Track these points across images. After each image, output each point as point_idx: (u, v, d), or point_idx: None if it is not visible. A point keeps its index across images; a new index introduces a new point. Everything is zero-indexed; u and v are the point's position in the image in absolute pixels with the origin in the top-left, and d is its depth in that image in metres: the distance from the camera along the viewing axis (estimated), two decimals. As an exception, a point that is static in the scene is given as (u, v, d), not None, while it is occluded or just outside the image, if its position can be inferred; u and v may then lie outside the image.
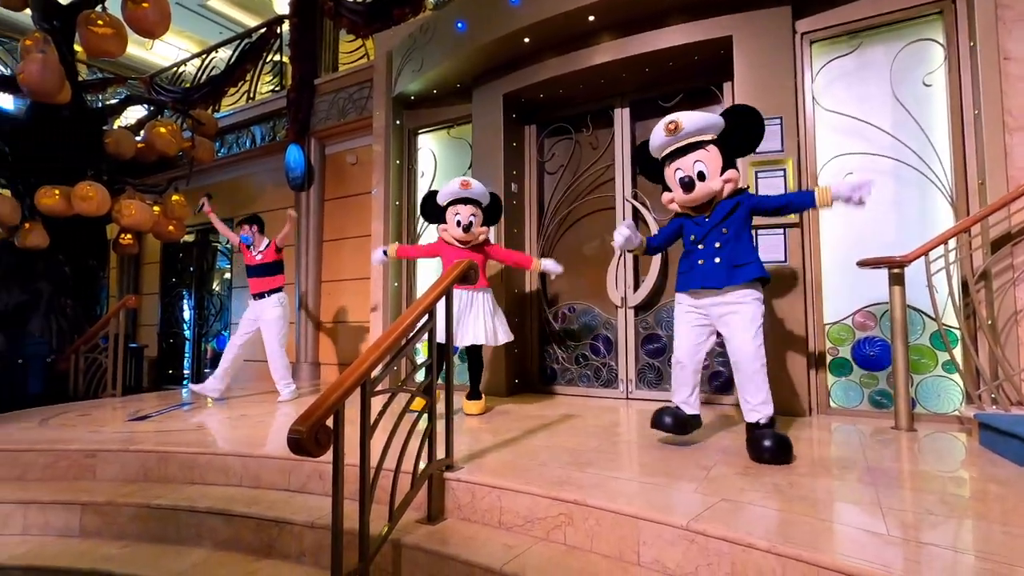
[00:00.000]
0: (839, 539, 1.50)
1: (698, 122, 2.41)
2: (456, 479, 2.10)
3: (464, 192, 3.41)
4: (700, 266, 2.43)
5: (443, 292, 2.16)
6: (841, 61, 3.44)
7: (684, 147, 2.43)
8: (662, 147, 2.52)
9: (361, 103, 5.49)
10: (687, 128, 2.40)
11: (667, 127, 2.43)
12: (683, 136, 2.42)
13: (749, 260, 2.38)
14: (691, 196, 2.43)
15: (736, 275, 2.36)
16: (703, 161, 2.41)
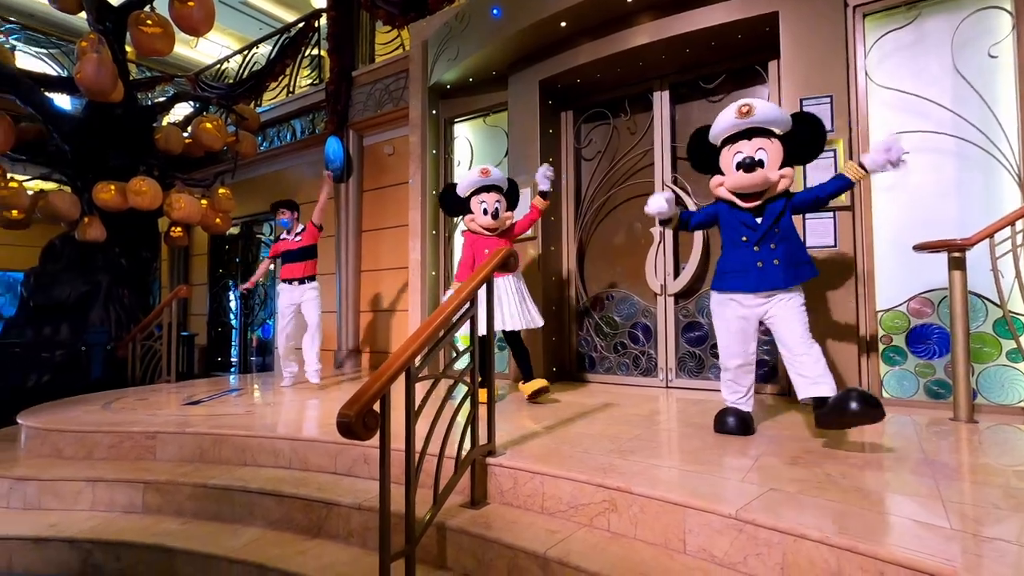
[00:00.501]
0: (896, 531, 1.45)
1: (770, 113, 2.38)
2: (498, 464, 2.12)
3: (486, 180, 3.45)
4: (759, 268, 2.39)
5: (484, 279, 2.17)
6: (897, 34, 3.26)
7: (749, 131, 2.40)
8: (727, 128, 2.45)
9: (397, 94, 5.53)
10: (758, 115, 2.36)
11: (739, 109, 2.38)
12: (754, 121, 2.38)
13: (805, 259, 2.43)
14: (749, 178, 2.37)
15: (796, 275, 2.38)
16: (766, 149, 2.38)
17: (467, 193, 3.51)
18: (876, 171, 2.32)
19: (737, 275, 2.45)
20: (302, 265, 4.49)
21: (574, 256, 4.55)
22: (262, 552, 2.17)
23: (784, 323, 2.36)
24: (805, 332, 2.35)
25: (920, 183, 3.16)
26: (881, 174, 3.15)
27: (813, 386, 2.27)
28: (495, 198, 3.47)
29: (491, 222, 3.45)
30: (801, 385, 2.31)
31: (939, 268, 2.85)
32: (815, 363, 2.28)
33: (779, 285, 2.36)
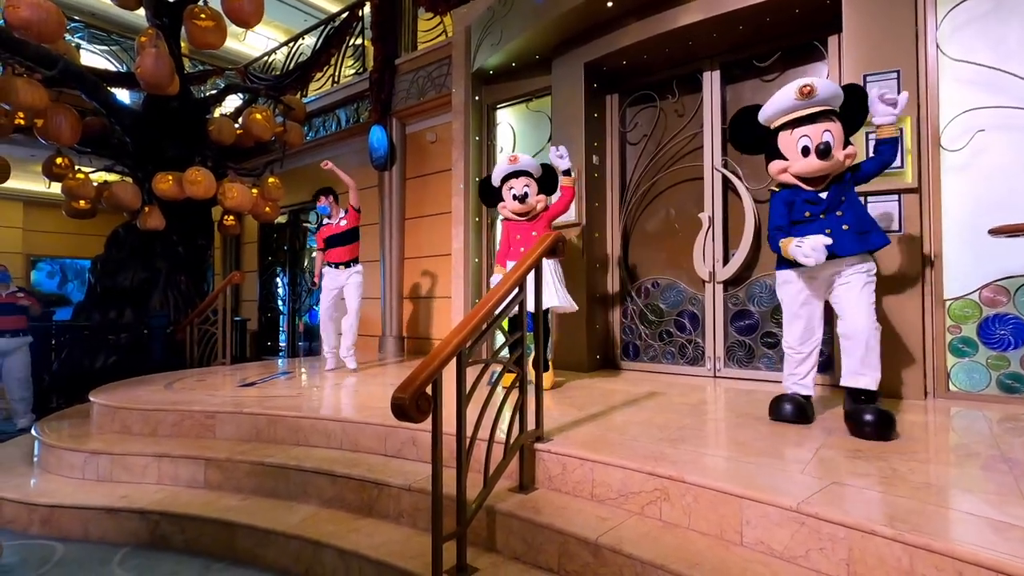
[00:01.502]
0: (971, 529, 1.37)
1: (831, 90, 2.30)
2: (547, 451, 2.12)
3: (513, 167, 3.50)
4: (827, 235, 2.25)
5: (533, 264, 2.16)
6: (972, 3, 3.03)
7: (812, 115, 2.30)
8: (786, 111, 2.35)
9: (440, 81, 5.54)
10: (821, 94, 2.27)
11: (801, 90, 2.27)
12: (816, 102, 2.29)
13: (873, 227, 2.31)
14: (825, 165, 2.28)
15: (864, 241, 2.27)
16: (831, 132, 2.29)
17: (499, 181, 3.58)
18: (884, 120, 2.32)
19: None
20: (347, 249, 4.56)
21: (619, 242, 4.47)
22: (317, 528, 2.24)
23: (848, 304, 2.29)
24: (869, 311, 2.26)
25: (997, 163, 2.95)
26: (952, 153, 2.99)
27: (854, 377, 2.27)
28: (523, 183, 3.50)
29: (519, 206, 3.49)
30: (846, 373, 2.30)
31: (1017, 253, 2.67)
32: (867, 355, 2.24)
33: (850, 251, 2.26)
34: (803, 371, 2.48)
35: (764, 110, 2.45)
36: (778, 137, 2.39)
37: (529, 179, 3.52)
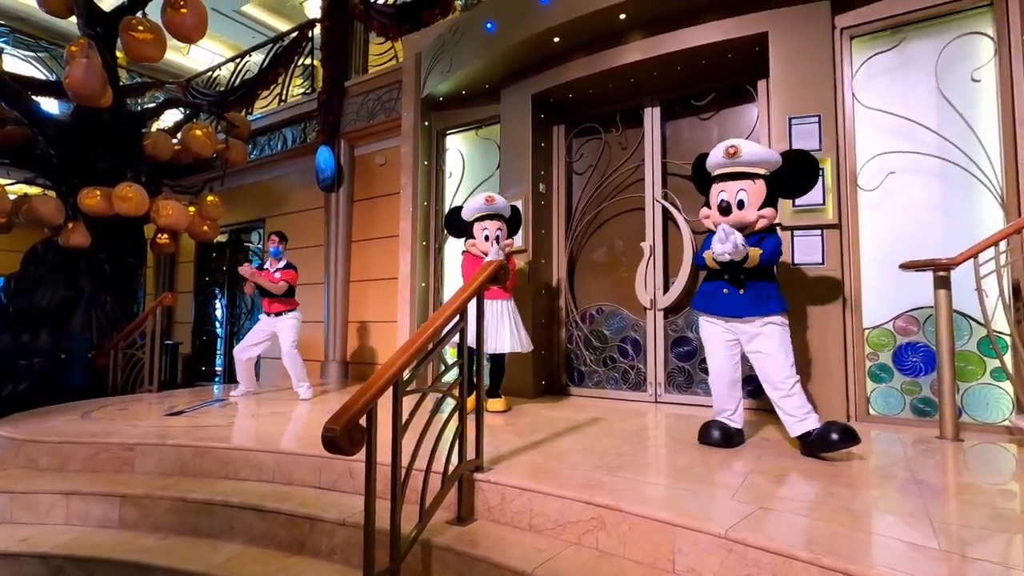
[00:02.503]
0: (885, 552, 1.44)
1: (756, 155, 2.48)
2: (486, 480, 2.09)
3: (490, 208, 3.60)
4: (726, 295, 2.51)
5: (475, 292, 2.15)
6: (883, 57, 3.33)
7: (735, 172, 2.49)
8: (716, 166, 2.57)
9: (390, 105, 5.54)
10: (744, 156, 2.46)
11: (727, 150, 2.48)
12: (738, 163, 2.47)
13: (772, 293, 2.49)
14: (725, 220, 2.49)
15: (760, 307, 2.46)
16: (747, 191, 2.47)
17: (471, 218, 3.67)
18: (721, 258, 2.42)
19: (709, 298, 2.59)
20: (282, 301, 4.47)
21: (564, 269, 4.55)
22: (242, 569, 2.11)
23: (764, 357, 2.46)
24: (789, 368, 2.43)
25: (906, 203, 3.21)
26: (868, 193, 3.23)
27: (801, 424, 2.40)
28: (497, 225, 3.63)
29: (490, 248, 3.58)
30: (790, 423, 2.44)
31: (925, 287, 2.88)
32: (800, 404, 2.40)
33: (741, 314, 2.48)
34: (731, 407, 2.62)
35: (708, 161, 2.62)
36: (712, 186, 2.59)
37: (502, 223, 3.65)
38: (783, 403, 2.44)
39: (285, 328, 4.47)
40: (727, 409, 2.62)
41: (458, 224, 3.76)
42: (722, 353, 2.57)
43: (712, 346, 2.61)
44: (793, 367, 2.46)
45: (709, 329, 2.63)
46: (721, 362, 2.58)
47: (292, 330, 4.47)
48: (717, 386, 2.62)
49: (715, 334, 2.59)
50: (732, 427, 2.61)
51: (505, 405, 3.65)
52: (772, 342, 2.45)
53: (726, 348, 2.57)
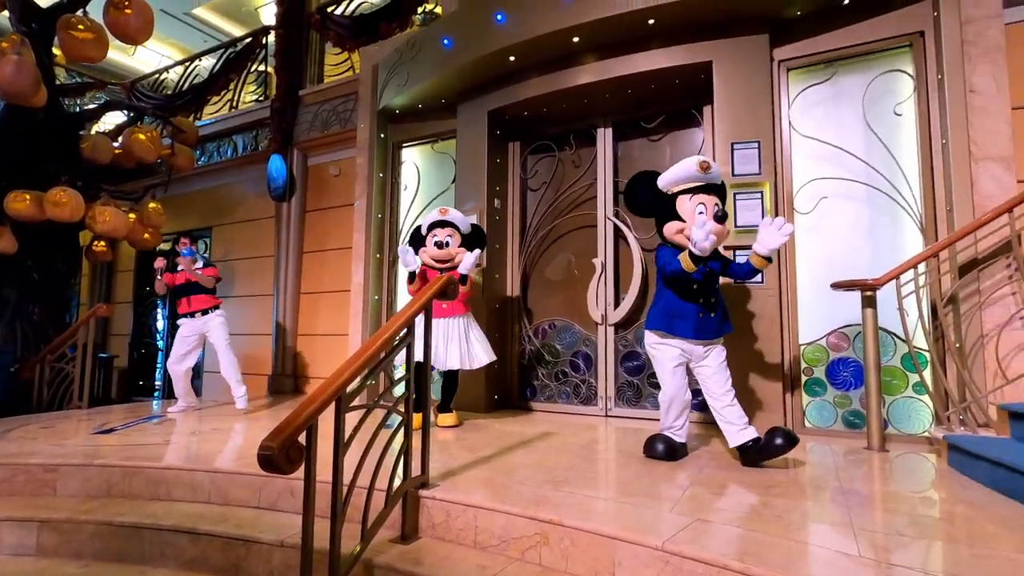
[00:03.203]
0: (811, 560, 1.51)
1: (719, 171, 2.65)
2: (431, 497, 2.07)
3: (441, 217, 3.65)
4: (701, 319, 2.58)
5: (423, 306, 2.14)
6: (817, 88, 3.54)
7: (707, 186, 2.60)
8: (689, 179, 2.59)
9: (345, 115, 5.48)
10: (714, 172, 2.60)
11: (701, 164, 2.56)
12: (710, 177, 2.59)
13: (727, 314, 2.69)
14: (721, 228, 2.50)
15: (725, 328, 2.65)
16: (719, 205, 2.59)
17: (426, 232, 3.70)
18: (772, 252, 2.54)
19: (684, 321, 2.59)
20: (206, 297, 4.42)
21: (518, 284, 4.58)
22: (171, 596, 2.00)
23: (711, 372, 2.59)
24: (729, 382, 2.59)
25: (837, 226, 3.41)
26: (803, 216, 3.40)
27: (741, 433, 2.52)
28: (447, 232, 3.63)
29: (437, 252, 3.60)
30: (731, 432, 2.55)
31: (854, 305, 3.05)
32: (740, 415, 2.54)
33: (714, 336, 2.61)
34: (679, 424, 2.70)
35: (666, 177, 2.66)
36: (676, 201, 2.61)
37: (454, 231, 3.65)
38: (725, 412, 2.54)
39: (216, 326, 4.41)
40: (675, 426, 2.70)
41: (418, 240, 3.76)
42: (678, 375, 2.63)
43: (668, 369, 2.63)
44: (730, 379, 2.60)
45: (666, 352, 2.63)
46: (676, 384, 2.62)
47: (223, 327, 4.43)
48: (670, 406, 2.67)
49: (672, 357, 2.62)
50: (677, 441, 2.68)
51: (456, 420, 3.63)
52: (719, 357, 2.60)
53: (680, 370, 2.64)
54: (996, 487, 2.16)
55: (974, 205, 2.90)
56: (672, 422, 2.69)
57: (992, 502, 2.04)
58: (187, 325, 4.44)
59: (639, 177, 2.76)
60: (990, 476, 2.21)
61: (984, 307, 2.86)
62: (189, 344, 4.44)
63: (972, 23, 2.98)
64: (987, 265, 2.88)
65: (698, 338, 2.57)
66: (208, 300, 4.45)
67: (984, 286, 2.88)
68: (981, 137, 2.93)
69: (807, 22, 3.45)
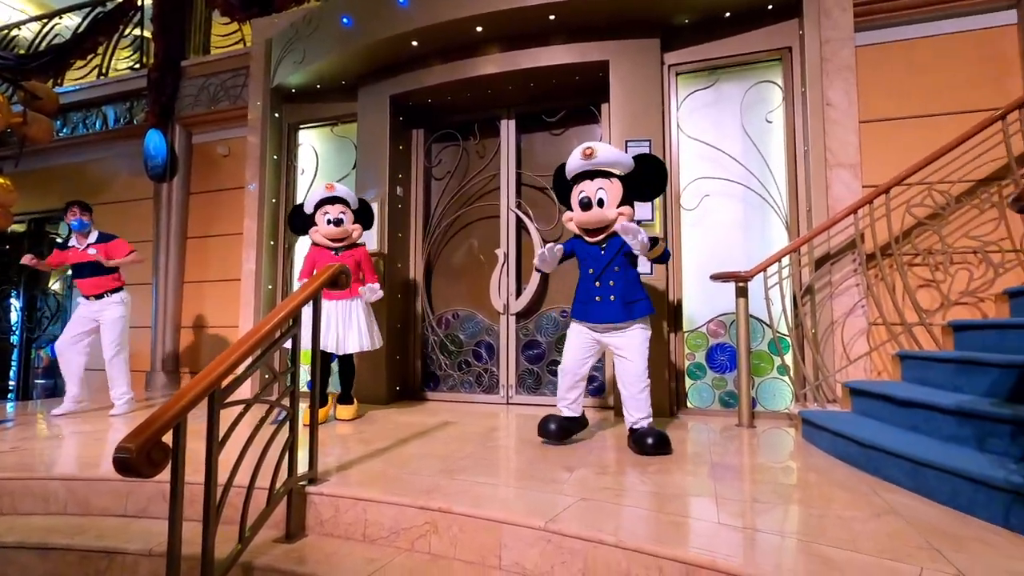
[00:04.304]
0: (680, 530, 1.64)
1: (611, 156, 2.60)
2: (319, 493, 2.01)
3: (329, 193, 3.47)
4: (598, 303, 2.63)
5: (310, 296, 2.06)
6: (702, 93, 3.80)
7: (592, 172, 2.62)
8: (574, 168, 2.67)
9: (235, 91, 5.11)
10: (599, 158, 2.58)
11: (584, 151, 2.59)
12: (596, 163, 2.60)
13: (640, 297, 2.64)
14: (586, 216, 2.60)
15: (630, 311, 2.60)
16: (605, 189, 2.60)
17: (312, 208, 3.51)
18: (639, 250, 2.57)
19: (583, 305, 2.69)
20: (104, 279, 3.91)
21: (421, 273, 4.53)
22: (14, 620, 1.79)
23: (625, 359, 2.63)
24: (643, 371, 2.61)
25: (718, 222, 3.69)
26: (689, 212, 3.64)
27: (636, 423, 2.64)
28: (339, 209, 3.49)
29: (334, 230, 3.45)
30: (628, 418, 2.68)
31: (730, 295, 3.34)
32: (643, 405, 2.62)
33: (614, 320, 2.62)
34: (573, 395, 2.78)
35: (566, 167, 2.74)
36: (572, 190, 2.71)
37: (345, 207, 3.51)
38: (629, 401, 2.64)
39: (112, 318, 3.89)
40: (568, 398, 2.77)
41: (302, 219, 3.57)
42: (580, 350, 2.71)
43: (573, 343, 2.73)
44: (647, 371, 2.63)
45: (576, 329, 2.74)
46: (576, 356, 2.71)
47: (121, 320, 3.92)
48: (565, 377, 2.76)
49: (580, 331, 2.72)
50: (570, 416, 2.77)
51: (354, 412, 3.53)
52: (635, 344, 2.62)
53: (585, 347, 2.71)
54: (837, 455, 2.47)
55: (828, 206, 3.27)
56: (564, 393, 2.78)
57: (833, 467, 2.33)
58: (85, 307, 3.93)
59: (557, 168, 2.85)
60: (833, 445, 2.51)
61: (834, 297, 3.24)
62: (83, 326, 3.90)
63: (829, 43, 3.33)
64: (837, 260, 3.26)
65: (598, 322, 2.64)
66: (104, 283, 3.90)
67: (835, 278, 3.26)
68: (835, 146, 3.30)
69: (693, 30, 3.69)
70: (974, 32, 3.25)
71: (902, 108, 3.31)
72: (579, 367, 2.74)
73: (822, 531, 1.60)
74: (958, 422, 2.05)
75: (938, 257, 3.06)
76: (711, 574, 1.40)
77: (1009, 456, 1.83)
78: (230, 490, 1.64)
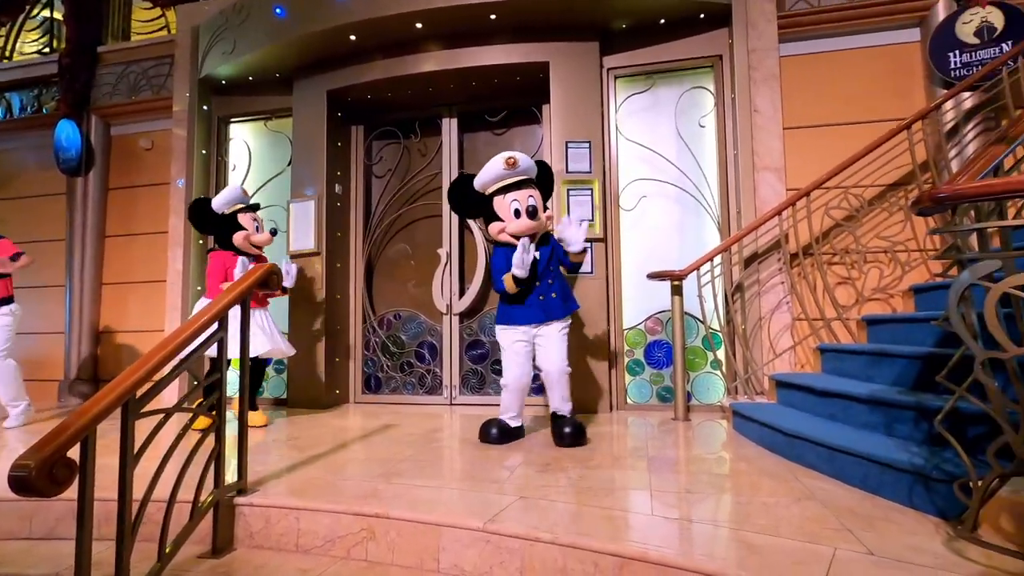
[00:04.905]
0: (616, 524, 1.67)
1: (528, 163, 2.69)
2: (248, 504, 1.92)
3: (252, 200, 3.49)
4: (542, 301, 2.68)
5: (238, 298, 1.97)
6: (639, 97, 3.91)
7: (519, 182, 2.66)
8: (498, 179, 2.67)
9: (159, 81, 4.81)
10: (522, 166, 2.65)
11: (507, 161, 2.62)
12: (519, 172, 2.65)
13: (570, 293, 2.79)
14: (529, 224, 2.64)
15: (567, 307, 2.73)
16: (535, 197, 2.67)
17: (229, 209, 3.41)
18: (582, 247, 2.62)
19: (525, 308, 2.70)
20: None
21: (361, 274, 4.43)
22: None
23: (550, 352, 2.70)
24: (565, 363, 2.71)
25: (655, 223, 3.81)
26: (627, 212, 3.73)
27: (558, 407, 2.75)
28: (251, 216, 3.44)
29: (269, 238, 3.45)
30: (552, 402, 2.78)
31: (666, 293, 3.44)
32: (565, 394, 2.72)
33: (558, 316, 2.70)
34: (516, 408, 2.81)
35: (479, 178, 2.74)
36: (493, 202, 2.70)
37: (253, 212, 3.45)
38: (552, 391, 2.74)
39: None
40: (512, 411, 2.80)
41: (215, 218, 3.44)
42: (522, 362, 2.72)
43: (512, 355, 2.73)
44: (567, 360, 2.71)
45: (513, 337, 2.72)
46: (520, 370, 2.72)
47: (5, 330, 3.59)
48: (512, 394, 2.76)
49: (516, 343, 2.72)
50: (512, 425, 2.79)
51: (265, 420, 3.40)
52: (560, 339, 2.71)
53: (525, 357, 2.73)
54: (764, 444, 2.60)
55: (756, 208, 3.43)
56: (511, 409, 2.80)
57: (760, 456, 2.45)
58: None
59: (455, 182, 2.84)
60: (760, 435, 2.64)
61: (762, 294, 3.40)
62: None
63: (756, 52, 3.50)
64: (764, 259, 3.43)
65: (543, 321, 2.69)
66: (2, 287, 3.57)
67: (762, 276, 3.43)
68: (762, 150, 3.47)
69: (631, 35, 3.79)
70: (884, 47, 3.50)
71: (822, 116, 3.51)
72: (526, 380, 2.76)
73: (748, 518, 1.68)
74: (870, 410, 2.20)
75: (853, 256, 3.27)
76: (643, 566, 1.44)
77: (912, 440, 1.98)
78: (147, 506, 1.54)
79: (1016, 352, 1.35)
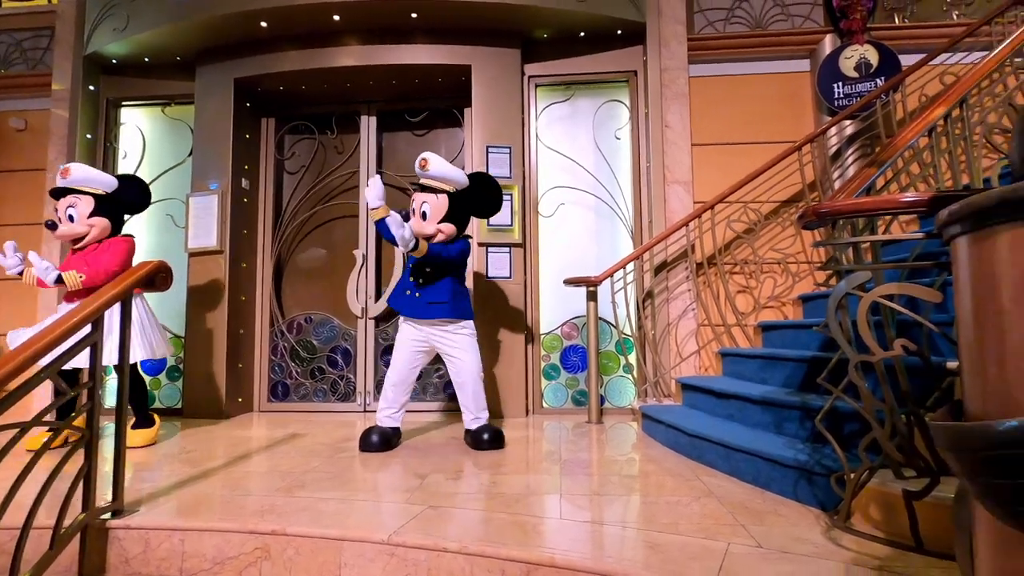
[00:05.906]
0: (525, 530, 1.66)
1: (442, 172, 2.65)
2: (124, 527, 1.73)
3: (63, 181, 2.80)
4: (407, 296, 2.72)
5: (116, 298, 1.77)
6: (559, 106, 3.98)
7: (423, 185, 2.68)
8: (415, 177, 2.73)
9: (35, 55, 4.30)
10: (431, 171, 2.64)
11: (419, 162, 2.65)
12: (426, 175, 2.65)
13: (443, 300, 2.66)
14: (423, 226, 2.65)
15: (429, 311, 2.66)
16: (429, 204, 2.66)
17: None
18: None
19: (398, 294, 2.77)
20: None
21: (270, 275, 4.18)
22: None
23: (458, 358, 2.71)
24: (478, 369, 2.73)
25: (572, 230, 3.89)
26: (546, 219, 3.78)
27: (475, 420, 2.76)
28: (68, 202, 2.80)
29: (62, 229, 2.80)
30: (466, 416, 2.78)
31: (582, 299, 3.52)
32: (479, 402, 2.74)
33: (417, 316, 2.68)
34: (397, 407, 2.77)
35: None
36: None
37: (80, 197, 2.79)
38: (466, 399, 2.74)
39: None
40: (393, 408, 2.76)
41: None
42: (408, 356, 2.73)
43: (402, 348, 2.74)
44: (481, 372, 2.76)
45: (404, 333, 2.76)
46: (404, 363, 2.73)
47: None
48: (394, 387, 2.74)
49: (408, 339, 2.73)
50: (390, 427, 2.76)
51: (153, 437, 2.90)
52: (465, 344, 2.72)
53: (413, 352, 2.73)
54: (670, 445, 2.71)
55: (666, 219, 3.60)
56: (391, 404, 2.75)
57: (666, 457, 2.55)
58: None
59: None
60: (667, 437, 2.75)
61: (670, 301, 3.57)
62: None
63: (668, 71, 3.67)
64: (673, 267, 3.60)
65: (408, 316, 2.71)
66: None
67: (671, 284, 3.59)
68: (672, 164, 3.65)
69: (552, 45, 3.86)
70: (781, 74, 3.79)
71: (726, 134, 3.75)
72: (409, 376, 2.77)
73: (652, 517, 1.73)
74: (762, 410, 2.36)
75: (751, 267, 3.51)
76: (551, 571, 1.44)
77: (798, 438, 2.14)
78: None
79: (883, 355, 1.48)
